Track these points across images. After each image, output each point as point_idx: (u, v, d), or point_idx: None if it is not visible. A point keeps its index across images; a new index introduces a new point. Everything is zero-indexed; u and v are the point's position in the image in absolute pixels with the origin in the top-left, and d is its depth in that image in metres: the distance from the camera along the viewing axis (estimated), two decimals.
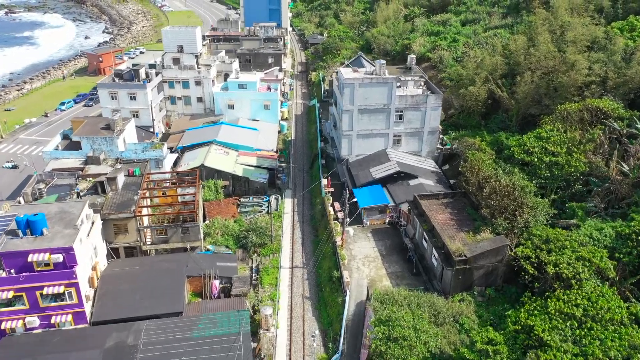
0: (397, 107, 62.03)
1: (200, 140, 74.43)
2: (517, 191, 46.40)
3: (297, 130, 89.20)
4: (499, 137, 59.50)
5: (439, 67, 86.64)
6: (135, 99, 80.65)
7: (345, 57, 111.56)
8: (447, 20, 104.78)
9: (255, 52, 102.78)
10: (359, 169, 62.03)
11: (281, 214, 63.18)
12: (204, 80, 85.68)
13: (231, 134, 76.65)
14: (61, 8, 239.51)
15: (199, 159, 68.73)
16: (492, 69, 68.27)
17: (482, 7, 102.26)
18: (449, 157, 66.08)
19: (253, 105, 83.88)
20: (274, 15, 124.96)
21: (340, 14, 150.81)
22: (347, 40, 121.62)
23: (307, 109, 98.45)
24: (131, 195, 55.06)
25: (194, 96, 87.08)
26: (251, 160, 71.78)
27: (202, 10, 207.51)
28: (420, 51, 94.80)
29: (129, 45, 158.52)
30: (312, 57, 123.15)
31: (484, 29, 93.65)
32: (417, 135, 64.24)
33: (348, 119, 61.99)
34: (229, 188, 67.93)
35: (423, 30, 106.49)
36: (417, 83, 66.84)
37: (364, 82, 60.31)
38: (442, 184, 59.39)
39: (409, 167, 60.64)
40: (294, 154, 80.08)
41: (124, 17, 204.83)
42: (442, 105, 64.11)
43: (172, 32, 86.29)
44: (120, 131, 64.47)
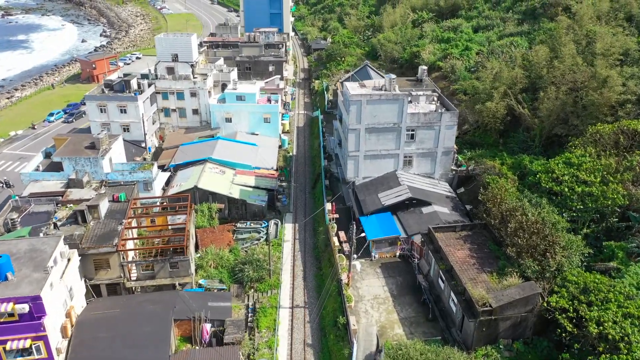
0: (408, 126, 56.51)
1: (195, 158, 69.04)
2: (548, 228, 40.84)
3: (298, 144, 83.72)
4: (522, 160, 53.86)
5: (450, 78, 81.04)
6: (125, 112, 75.35)
7: (350, 64, 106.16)
8: (458, 26, 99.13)
9: (255, 60, 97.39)
10: (367, 193, 56.52)
11: (281, 242, 57.72)
12: (199, 91, 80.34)
13: (228, 151, 71.30)
14: (59, 10, 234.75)
15: (192, 180, 63.36)
16: (511, 82, 62.69)
17: (495, 13, 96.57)
18: (465, 180, 60.48)
19: (252, 118, 78.50)
20: (275, 20, 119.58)
21: (345, 18, 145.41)
22: (351, 46, 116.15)
23: (309, 120, 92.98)
24: (114, 225, 49.68)
25: (189, 108, 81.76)
26: (249, 180, 66.38)
27: (202, 13, 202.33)
28: (429, 60, 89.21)
29: (126, 49, 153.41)
30: (315, 63, 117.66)
31: (498, 36, 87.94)
32: (430, 156, 58.71)
33: (354, 139, 56.50)
34: (225, 211, 62.59)
35: (432, 37, 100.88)
36: (430, 98, 61.32)
37: (372, 99, 54.81)
38: (458, 212, 53.80)
39: (422, 192, 55.08)
40: (295, 172, 74.60)
41: (123, 20, 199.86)
42: None
43: (165, 40, 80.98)
44: (105, 150, 59.12)
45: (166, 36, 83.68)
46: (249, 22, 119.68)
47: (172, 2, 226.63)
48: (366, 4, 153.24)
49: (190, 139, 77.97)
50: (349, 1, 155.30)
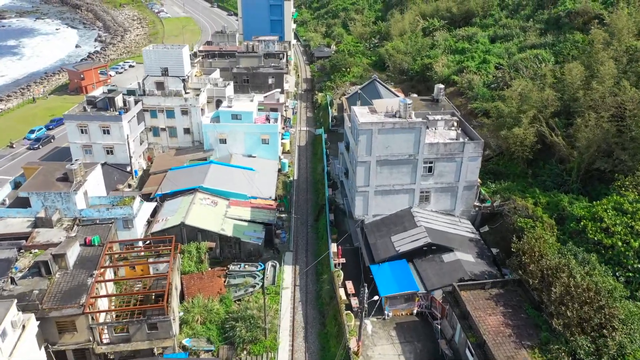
0: (426, 158, 49.09)
1: (184, 187, 61.75)
2: (604, 297, 33.41)
3: (300, 167, 76.33)
4: (559, 200, 46.32)
5: (467, 95, 73.58)
6: (108, 133, 68.13)
7: (355, 75, 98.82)
8: (473, 36, 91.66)
9: (253, 72, 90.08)
10: (378, 235, 49.09)
11: (279, 289, 50.33)
12: (191, 109, 73.06)
13: (221, 177, 63.99)
14: (55, 13, 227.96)
15: (179, 214, 56.07)
16: (542, 105, 55.20)
17: (514, 21, 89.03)
18: (489, 217, 53.00)
19: (249, 139, 71.19)
20: (276, 27, 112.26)
21: (349, 24, 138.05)
22: (357, 55, 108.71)
23: (312, 138, 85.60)
24: (84, 278, 42.49)
25: (180, 127, 74.48)
26: (244, 213, 59.06)
27: (201, 17, 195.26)
28: (443, 73, 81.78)
29: (119, 56, 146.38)
30: (318, 74, 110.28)
31: (519, 47, 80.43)
32: (450, 191, 51.27)
33: (364, 173, 49.09)
34: (216, 250, 55.32)
35: (445, 47, 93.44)
36: (449, 123, 53.89)
37: (385, 128, 47.39)
38: (484, 259, 46.35)
39: (442, 235, 47.61)
40: (296, 200, 67.23)
41: (119, 24, 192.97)
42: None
43: (154, 52, 73.72)
44: (80, 184, 51.81)
45: (155, 48, 76.41)
46: (247, 29, 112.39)
47: (171, 6, 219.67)
48: (372, 9, 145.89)
49: (181, 162, 70.71)
50: (353, 6, 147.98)
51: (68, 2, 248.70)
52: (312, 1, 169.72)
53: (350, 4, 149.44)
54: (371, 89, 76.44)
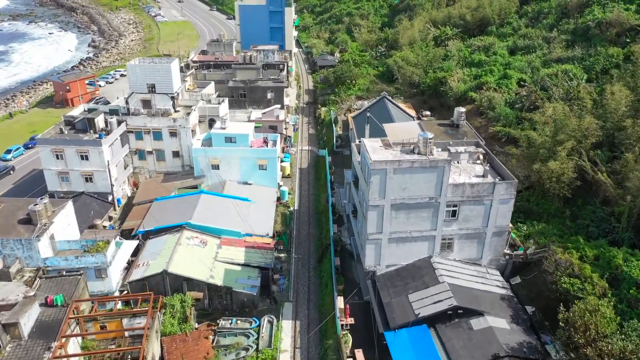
0: (449, 201, 41.70)
1: (169, 223, 54.48)
2: None
3: (301, 194, 68.89)
4: (612, 255, 38.77)
5: (487, 115, 66.07)
6: (87, 159, 60.89)
7: (362, 88, 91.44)
8: (490, 46, 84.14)
9: (251, 86, 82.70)
10: (392, 292, 41.65)
11: (276, 353, 42.90)
12: (181, 130, 65.75)
13: (212, 210, 56.71)
14: (49, 16, 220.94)
15: (162, 258, 48.78)
16: (581, 134, 47.71)
17: (536, 31, 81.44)
18: (522, 266, 45.53)
19: (244, 164, 63.87)
20: (276, 35, 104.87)
21: (354, 30, 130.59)
22: (363, 65, 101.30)
23: (315, 159, 78.19)
24: (40, 352, 35.25)
25: (168, 150, 67.16)
26: (238, 254, 51.77)
27: (200, 21, 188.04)
28: (459, 89, 74.29)
29: (112, 63, 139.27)
30: (321, 85, 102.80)
31: (543, 60, 72.93)
32: (477, 238, 43.84)
33: (376, 218, 41.71)
34: (204, 301, 48.02)
35: (459, 58, 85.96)
36: (474, 156, 46.43)
37: (402, 168, 39.97)
38: (520, 323, 38.90)
39: (469, 294, 40.14)
40: (297, 236, 59.82)
41: (114, 28, 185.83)
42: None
43: (140, 67, 66.41)
44: (44, 227, 44.49)
45: (142, 62, 69.10)
46: (246, 37, 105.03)
47: (169, 9, 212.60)
48: (378, 14, 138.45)
49: (168, 190, 63.43)
50: (358, 11, 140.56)
51: (63, 4, 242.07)
52: (315, 5, 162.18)
53: (355, 9, 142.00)
54: (380, 107, 69.14)
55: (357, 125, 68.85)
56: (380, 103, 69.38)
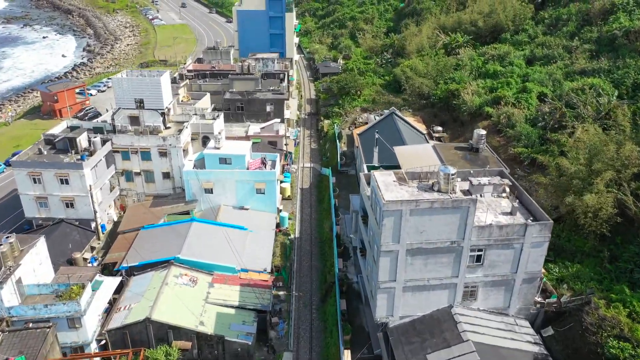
0: (474, 245, 36.07)
1: (156, 257, 48.99)
2: None
3: (303, 219, 63.29)
4: None
5: (506, 133, 60.32)
6: (67, 183, 55.40)
7: (367, 100, 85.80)
8: (505, 56, 78.36)
9: (249, 99, 77.16)
10: (408, 350, 35.99)
11: None
12: (171, 150, 60.22)
13: (204, 242, 51.20)
14: (44, 19, 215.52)
15: (146, 301, 43.34)
16: (621, 163, 42.03)
17: (555, 39, 75.65)
18: (555, 315, 39.86)
19: (240, 188, 58.33)
20: (276, 42, 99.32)
21: (358, 35, 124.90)
22: (368, 74, 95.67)
23: (317, 178, 72.56)
24: None
25: (158, 171, 61.65)
26: (231, 295, 46.26)
27: (198, 24, 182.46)
28: (473, 103, 68.57)
29: (106, 69, 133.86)
30: (324, 95, 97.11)
31: (564, 72, 67.24)
32: (504, 285, 38.21)
33: (389, 265, 36.10)
34: (192, 351, 42.50)
35: (472, 68, 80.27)
36: (498, 188, 40.77)
37: (420, 208, 34.35)
38: None
39: (497, 354, 34.52)
40: (298, 269, 54.25)
41: (110, 32, 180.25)
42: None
43: (127, 81, 60.93)
44: (9, 271, 38.98)
45: (129, 74, 63.62)
46: (244, 44, 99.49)
47: (167, 12, 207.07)
48: (382, 18, 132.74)
49: (157, 215, 57.92)
50: (362, 15, 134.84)
51: (60, 7, 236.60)
52: (317, 9, 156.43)
53: (359, 13, 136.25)
54: (389, 124, 63.57)
55: (364, 143, 63.27)
56: (388, 119, 63.79)
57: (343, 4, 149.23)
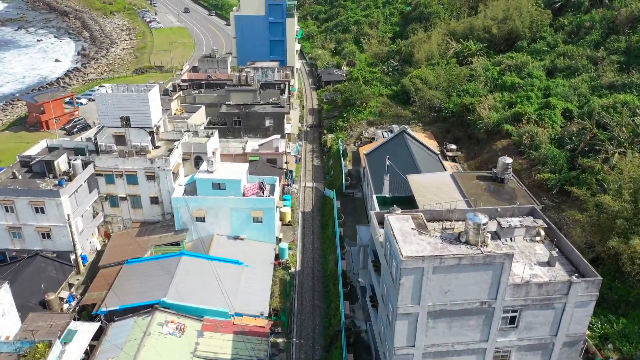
0: (507, 306, 30.41)
1: (138, 301, 43.42)
2: None
3: (304, 249, 57.66)
4: None
5: (529, 155, 54.65)
6: (43, 212, 49.86)
7: (373, 112, 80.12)
8: (523, 66, 72.61)
9: (246, 112, 71.53)
10: None
11: None
12: (160, 173, 54.64)
13: (194, 281, 45.67)
14: (40, 21, 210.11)
15: (125, 357, 37.68)
16: None
17: (578, 49, 69.90)
18: None
19: (235, 217, 52.73)
20: (276, 49, 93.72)
21: (362, 40, 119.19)
22: (374, 83, 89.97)
23: (320, 200, 66.89)
24: None
25: (145, 195, 56.11)
26: (223, 346, 40.71)
27: (197, 27, 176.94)
28: (491, 119, 62.88)
29: (99, 75, 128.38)
30: (327, 107, 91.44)
31: (591, 86, 61.63)
32: (542, 349, 32.55)
33: (407, 329, 30.47)
34: None
35: (486, 79, 74.56)
36: (531, 231, 35.09)
37: (445, 266, 28.70)
38: None
39: None
40: (299, 310, 48.56)
41: (106, 35, 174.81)
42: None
43: (111, 97, 55.35)
44: None
45: (115, 89, 58.04)
46: (242, 52, 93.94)
47: (165, 14, 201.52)
48: (388, 22, 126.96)
49: (143, 247, 52.34)
50: (367, 18, 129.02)
51: (56, 8, 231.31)
52: (319, 12, 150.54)
53: (363, 17, 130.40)
54: (399, 143, 57.97)
55: (371, 164, 57.63)
56: (399, 139, 58.16)
57: (346, 7, 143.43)
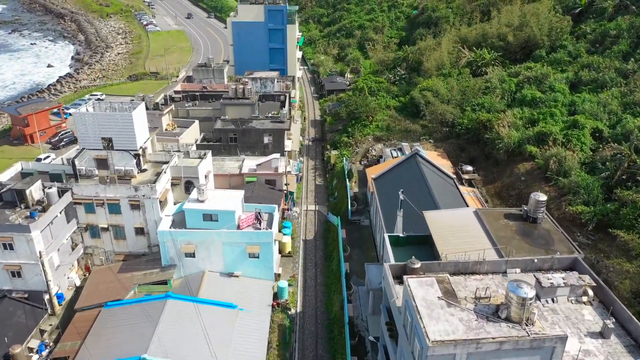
0: None
1: (114, 357, 37.80)
2: None
3: (306, 285, 51.98)
4: None
5: (557, 183, 48.88)
6: (12, 249, 44.27)
7: (381, 127, 74.41)
8: (544, 78, 66.83)
9: (243, 129, 65.92)
10: None
11: None
12: (145, 202, 49.04)
13: (180, 331, 40.06)
14: (35, 24, 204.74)
15: None
16: None
17: (605, 60, 64.08)
18: None
19: (229, 252, 47.10)
20: (276, 58, 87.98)
21: (367, 46, 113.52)
22: (380, 94, 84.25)
23: (323, 226, 61.25)
24: None
25: (129, 226, 50.50)
26: None
27: (195, 30, 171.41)
28: (512, 139, 57.12)
29: (92, 82, 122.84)
30: (330, 119, 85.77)
31: (622, 103, 55.94)
32: None
33: None
34: None
35: (503, 91, 68.85)
36: (577, 290, 29.40)
37: (481, 351, 23.01)
38: None
39: None
40: None
41: (102, 38, 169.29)
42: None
43: (91, 116, 49.80)
44: None
45: (96, 105, 52.49)
46: (240, 60, 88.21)
47: (163, 16, 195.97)
48: (394, 26, 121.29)
49: (126, 285, 46.75)
50: (372, 23, 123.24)
51: (52, 10, 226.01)
52: (321, 15, 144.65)
53: (368, 21, 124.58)
54: (411, 167, 52.28)
55: (380, 191, 51.93)
56: (411, 162, 52.43)
57: (350, 10, 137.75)
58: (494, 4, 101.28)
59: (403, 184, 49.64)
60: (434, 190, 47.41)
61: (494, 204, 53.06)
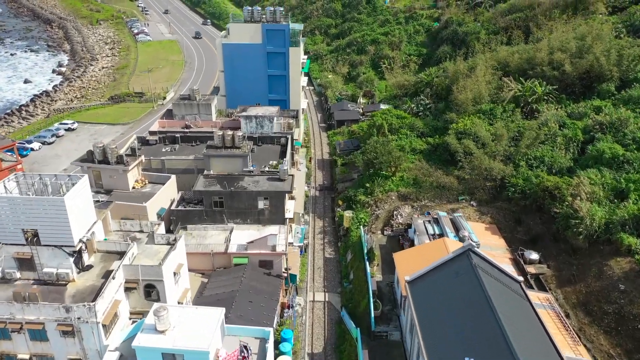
0: None
1: None
2: None
3: None
4: None
5: None
6: None
7: (407, 182, 59.11)
8: (622, 125, 51.35)
9: (232, 191, 50.60)
10: None
11: None
12: (82, 326, 33.89)
13: None
14: (20, 31, 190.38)
15: None
16: None
17: None
18: None
19: None
20: (276, 87, 72.51)
21: (382, 64, 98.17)
22: (402, 132, 68.85)
23: (335, 329, 45.91)
24: None
25: (62, 357, 35.37)
26: None
27: (189, 39, 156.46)
28: (595, 220, 41.58)
29: (67, 104, 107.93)
30: (341, 161, 70.31)
31: None
32: None
33: None
34: None
35: (567, 140, 53.45)
36: None
37: None
38: None
39: None
40: None
41: (88, 49, 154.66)
42: None
43: (9, 202, 34.79)
44: None
45: (19, 184, 37.33)
46: (233, 90, 72.75)
47: (156, 24, 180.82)
48: (412, 41, 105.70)
49: None
50: (387, 37, 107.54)
51: (40, 15, 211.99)
52: (329, 26, 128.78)
53: (382, 35, 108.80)
54: (464, 269, 36.89)
55: (419, 306, 36.44)
56: (463, 262, 36.99)
57: (361, 21, 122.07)
58: (532, 19, 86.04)
59: (454, 298, 34.59)
60: (495, 303, 32.10)
61: (579, 322, 37.66)
